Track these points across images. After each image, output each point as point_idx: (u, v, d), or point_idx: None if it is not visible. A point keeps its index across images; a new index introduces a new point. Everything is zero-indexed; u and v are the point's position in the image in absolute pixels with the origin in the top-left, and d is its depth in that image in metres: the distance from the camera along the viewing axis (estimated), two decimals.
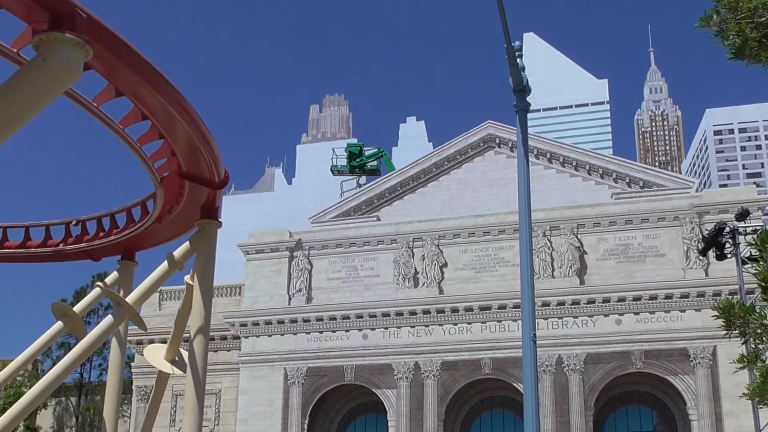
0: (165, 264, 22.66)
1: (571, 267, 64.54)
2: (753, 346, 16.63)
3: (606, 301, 63.20)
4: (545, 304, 63.31)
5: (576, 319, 63.64)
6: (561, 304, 63.71)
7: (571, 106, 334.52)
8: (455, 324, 65.73)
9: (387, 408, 66.36)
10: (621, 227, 65.27)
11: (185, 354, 23.36)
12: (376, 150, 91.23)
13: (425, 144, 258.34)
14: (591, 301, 63.39)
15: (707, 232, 39.02)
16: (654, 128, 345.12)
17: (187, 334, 23.04)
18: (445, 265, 67.70)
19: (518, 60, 18.32)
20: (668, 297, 62.00)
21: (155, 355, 24.18)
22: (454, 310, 65.69)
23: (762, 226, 36.85)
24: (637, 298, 62.64)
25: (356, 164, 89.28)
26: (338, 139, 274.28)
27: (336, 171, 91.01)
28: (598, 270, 64.80)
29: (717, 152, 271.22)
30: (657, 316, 62.33)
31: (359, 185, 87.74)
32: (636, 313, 62.67)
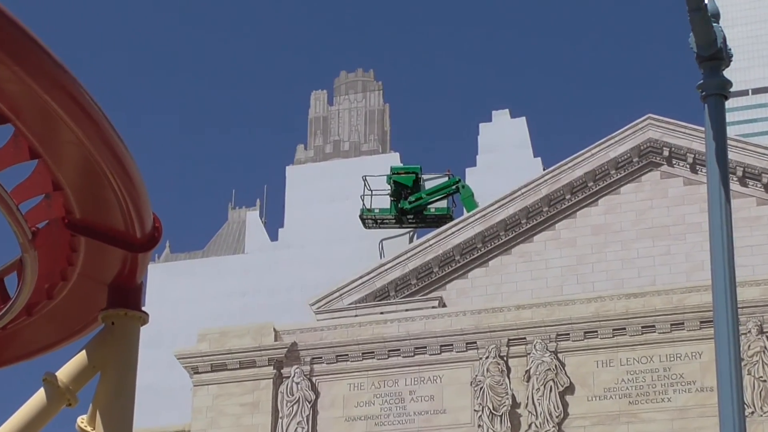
0: (41, 394, 22.71)
1: None
2: None
3: None
4: None
5: None
6: None
7: None
8: None
9: None
10: None
11: None
12: (447, 178, 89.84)
13: (528, 159, 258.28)
14: None
15: None
16: None
17: None
18: (570, 389, 67.39)
19: (706, 2, 18.29)
20: None
21: None
22: None
23: None
24: None
25: (410, 205, 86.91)
26: (365, 154, 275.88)
27: (370, 218, 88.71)
28: None
29: None
30: None
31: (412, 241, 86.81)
32: None
